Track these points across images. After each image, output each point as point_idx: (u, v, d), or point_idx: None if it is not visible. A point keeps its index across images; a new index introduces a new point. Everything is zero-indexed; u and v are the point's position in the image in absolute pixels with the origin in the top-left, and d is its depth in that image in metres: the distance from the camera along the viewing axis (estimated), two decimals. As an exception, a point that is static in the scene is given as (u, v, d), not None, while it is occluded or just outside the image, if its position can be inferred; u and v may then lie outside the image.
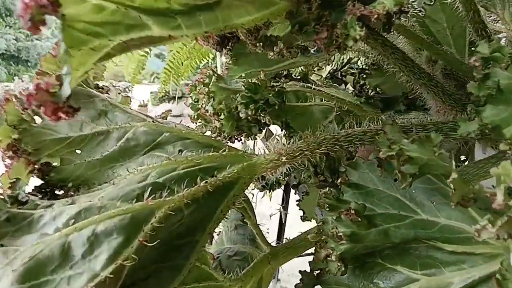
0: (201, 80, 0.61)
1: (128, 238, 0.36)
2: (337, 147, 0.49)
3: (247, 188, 0.48)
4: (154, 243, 0.37)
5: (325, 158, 0.50)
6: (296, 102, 0.58)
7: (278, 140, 1.61)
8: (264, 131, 1.24)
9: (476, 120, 0.40)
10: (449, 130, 0.51)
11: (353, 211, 0.44)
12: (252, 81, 0.52)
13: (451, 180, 0.34)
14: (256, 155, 0.48)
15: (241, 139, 0.65)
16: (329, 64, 1.31)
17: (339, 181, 0.48)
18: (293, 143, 0.49)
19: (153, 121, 0.48)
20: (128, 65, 1.78)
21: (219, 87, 0.58)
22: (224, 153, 0.46)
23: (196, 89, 0.64)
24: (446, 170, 0.36)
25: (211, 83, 0.58)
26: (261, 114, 0.52)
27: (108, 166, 0.47)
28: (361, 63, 1.35)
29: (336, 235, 0.44)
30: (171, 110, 0.60)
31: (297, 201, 0.70)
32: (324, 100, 0.63)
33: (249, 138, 0.67)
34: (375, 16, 0.36)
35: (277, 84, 0.52)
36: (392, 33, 0.52)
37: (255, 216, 0.58)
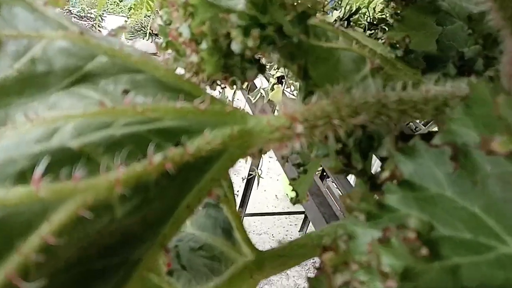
0: (177, -13, 0.40)
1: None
2: (384, 117, 0.31)
3: (233, 166, 0.29)
4: (49, 268, 0.19)
5: (360, 132, 0.31)
6: (316, 41, 0.38)
7: (262, 94, 1.38)
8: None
9: None
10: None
11: (412, 233, 0.26)
12: (260, -7, 0.32)
13: None
14: (255, 116, 0.29)
15: (224, 87, 0.46)
16: (336, 9, 1.10)
17: (384, 174, 0.30)
18: (314, 103, 0.30)
19: (81, 33, 0.28)
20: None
21: (203, 0, 0.37)
22: (202, 105, 0.27)
23: (168, 4, 0.43)
24: None
25: (191, -7, 0.37)
26: (268, 50, 0.33)
27: (-6, 103, 0.27)
28: (370, 15, 1.14)
29: (376, 267, 0.27)
30: (125, 28, 0.39)
31: (291, 179, 0.52)
32: (354, 45, 0.43)
33: (234, 86, 0.48)
34: None
35: (300, 3, 0.32)
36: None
37: (235, 201, 0.40)
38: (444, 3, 0.55)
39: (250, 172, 2.15)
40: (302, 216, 3.16)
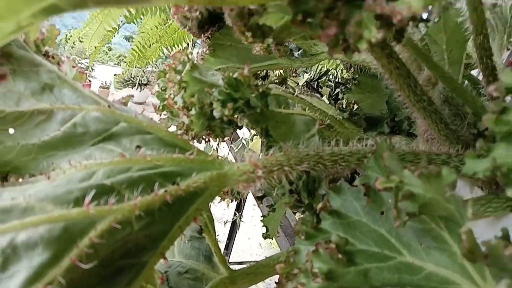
0: (173, 65, 0.53)
1: (57, 254, 0.28)
2: (320, 165, 0.43)
3: (212, 201, 0.41)
4: (91, 264, 0.29)
5: (305, 176, 0.43)
6: (277, 108, 0.51)
7: (244, 144, 1.53)
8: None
9: (487, 159, 0.35)
10: (441, 163, 0.46)
11: (333, 245, 0.38)
12: (234, 76, 0.45)
13: (465, 230, 0.28)
14: (229, 163, 0.41)
15: (208, 140, 0.58)
16: (307, 72, 1.25)
17: (319, 206, 0.41)
18: (271, 155, 0.42)
19: (109, 106, 0.40)
20: (91, 40, 1.64)
21: (193, 78, 0.50)
22: (191, 156, 0.39)
23: (165, 76, 0.56)
24: (455, 216, 0.31)
25: (184, 71, 0.50)
26: (239, 116, 0.45)
27: (46, 155, 0.38)
28: (338, 76, 1.30)
29: (310, 270, 0.38)
30: (133, 96, 0.51)
31: (261, 216, 0.63)
32: (307, 110, 0.56)
33: (217, 139, 0.60)
34: (398, 18, 0.30)
35: (262, 84, 0.45)
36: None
37: (215, 231, 0.51)
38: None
39: (233, 217, 2.25)
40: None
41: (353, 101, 0.64)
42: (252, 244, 3.74)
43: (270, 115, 0.48)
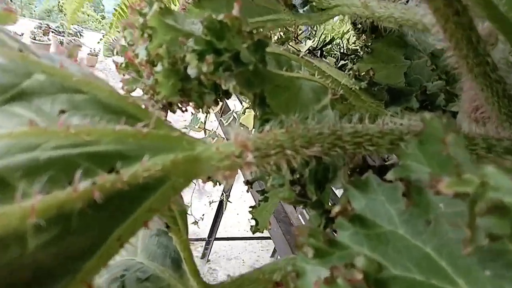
0: (138, 7, 0.39)
1: None
2: (338, 149, 0.30)
3: (176, 196, 0.27)
4: None
5: (314, 163, 0.30)
6: (278, 70, 0.38)
7: (235, 117, 1.37)
8: (220, 103, 1.02)
9: None
10: (503, 152, 0.33)
11: (358, 273, 0.25)
12: (218, 18, 0.31)
13: None
14: (204, 142, 0.28)
15: (185, 109, 0.44)
16: (310, 39, 1.11)
17: (336, 209, 0.28)
18: (268, 132, 0.29)
19: (20, 50, 0.26)
20: (71, 3, 1.47)
21: (163, 23, 0.36)
22: (143, 129, 0.25)
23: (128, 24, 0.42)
24: None
25: (150, 14, 0.37)
26: (224, 76, 0.31)
27: None
28: (344, 46, 1.16)
29: (321, 310, 0.25)
30: (80, 46, 0.38)
31: (251, 207, 0.51)
32: (317, 75, 0.43)
33: (200, 110, 0.47)
34: None
35: (257, 31, 0.32)
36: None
37: (187, 229, 0.38)
38: (411, 39, 0.55)
39: (220, 197, 2.12)
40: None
41: (359, 71, 0.50)
42: (240, 219, 3.62)
43: (268, 76, 0.34)
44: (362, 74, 0.49)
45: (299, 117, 0.30)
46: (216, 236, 2.74)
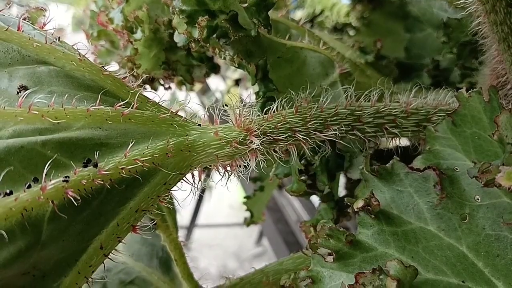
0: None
1: None
2: (357, 132, 0.25)
3: (168, 192, 0.23)
4: None
5: (328, 149, 0.25)
6: (279, 38, 0.32)
7: (217, 98, 1.28)
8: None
9: None
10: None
11: (391, 280, 0.21)
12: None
13: None
14: (199, 126, 0.23)
15: (169, 87, 0.39)
16: (300, 8, 1.05)
17: (359, 204, 0.24)
18: (275, 113, 0.24)
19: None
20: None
21: (143, -18, 0.31)
22: (125, 111, 0.20)
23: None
24: None
25: (127, -29, 0.31)
26: (219, 45, 0.26)
27: None
28: (333, 19, 1.10)
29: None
30: (44, 9, 0.31)
31: (245, 197, 0.46)
32: (321, 46, 0.38)
33: (184, 87, 0.42)
34: None
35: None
36: None
37: (177, 227, 0.33)
38: (414, 9, 0.51)
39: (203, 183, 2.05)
40: (259, 227, 3.03)
41: (378, 41, 0.46)
42: (221, 205, 3.56)
43: (270, 46, 0.29)
44: (366, 46, 0.45)
45: (307, 94, 0.26)
46: (198, 223, 2.67)
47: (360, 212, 0.24)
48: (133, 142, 0.20)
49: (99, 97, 0.20)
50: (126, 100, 0.21)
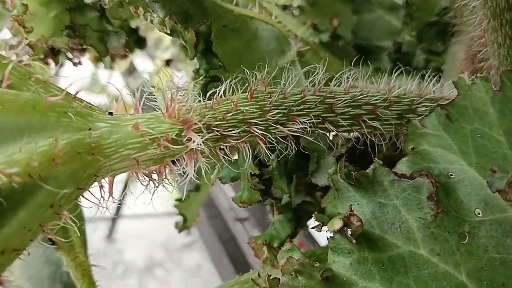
0: None
1: None
2: (328, 125, 0.19)
3: (58, 217, 0.15)
4: None
5: (293, 146, 0.19)
6: (225, 2, 0.26)
7: (145, 79, 1.15)
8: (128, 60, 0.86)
9: None
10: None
11: None
12: None
13: None
14: (110, 113, 0.15)
15: (79, 62, 0.31)
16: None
17: (335, 225, 0.18)
18: (222, 98, 0.17)
19: None
20: None
21: None
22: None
23: None
24: None
25: None
26: (145, 3, 0.19)
27: None
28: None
29: None
30: None
31: (177, 200, 0.38)
32: (274, 18, 0.32)
33: (100, 62, 0.34)
34: None
35: None
36: None
37: (86, 246, 0.25)
38: (364, -14, 0.46)
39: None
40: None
41: (335, 19, 0.40)
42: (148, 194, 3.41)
43: (214, 10, 0.22)
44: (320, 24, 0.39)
45: (265, 75, 0.19)
46: (122, 214, 2.50)
47: (336, 235, 0.19)
48: (10, 142, 0.12)
49: None
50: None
